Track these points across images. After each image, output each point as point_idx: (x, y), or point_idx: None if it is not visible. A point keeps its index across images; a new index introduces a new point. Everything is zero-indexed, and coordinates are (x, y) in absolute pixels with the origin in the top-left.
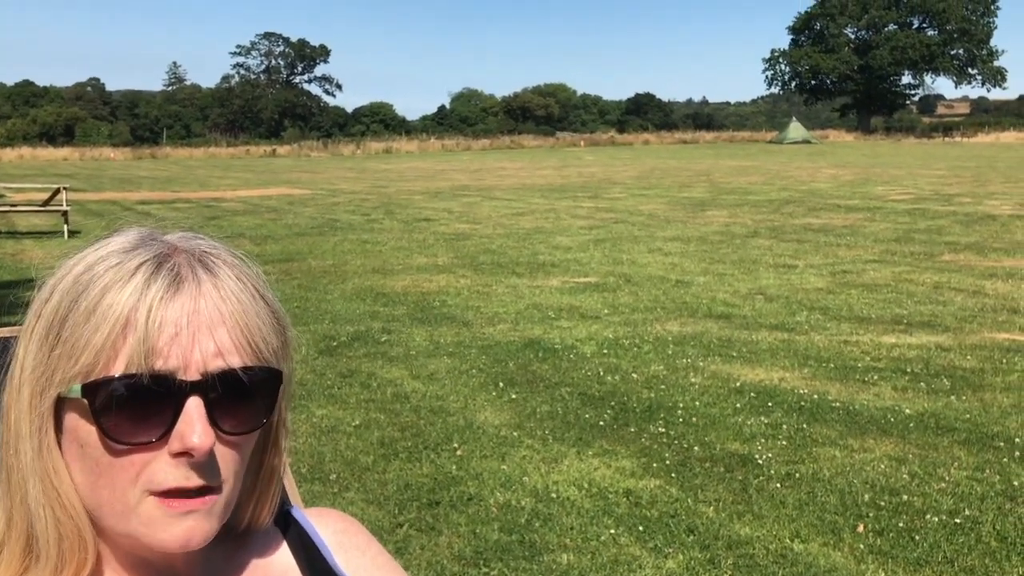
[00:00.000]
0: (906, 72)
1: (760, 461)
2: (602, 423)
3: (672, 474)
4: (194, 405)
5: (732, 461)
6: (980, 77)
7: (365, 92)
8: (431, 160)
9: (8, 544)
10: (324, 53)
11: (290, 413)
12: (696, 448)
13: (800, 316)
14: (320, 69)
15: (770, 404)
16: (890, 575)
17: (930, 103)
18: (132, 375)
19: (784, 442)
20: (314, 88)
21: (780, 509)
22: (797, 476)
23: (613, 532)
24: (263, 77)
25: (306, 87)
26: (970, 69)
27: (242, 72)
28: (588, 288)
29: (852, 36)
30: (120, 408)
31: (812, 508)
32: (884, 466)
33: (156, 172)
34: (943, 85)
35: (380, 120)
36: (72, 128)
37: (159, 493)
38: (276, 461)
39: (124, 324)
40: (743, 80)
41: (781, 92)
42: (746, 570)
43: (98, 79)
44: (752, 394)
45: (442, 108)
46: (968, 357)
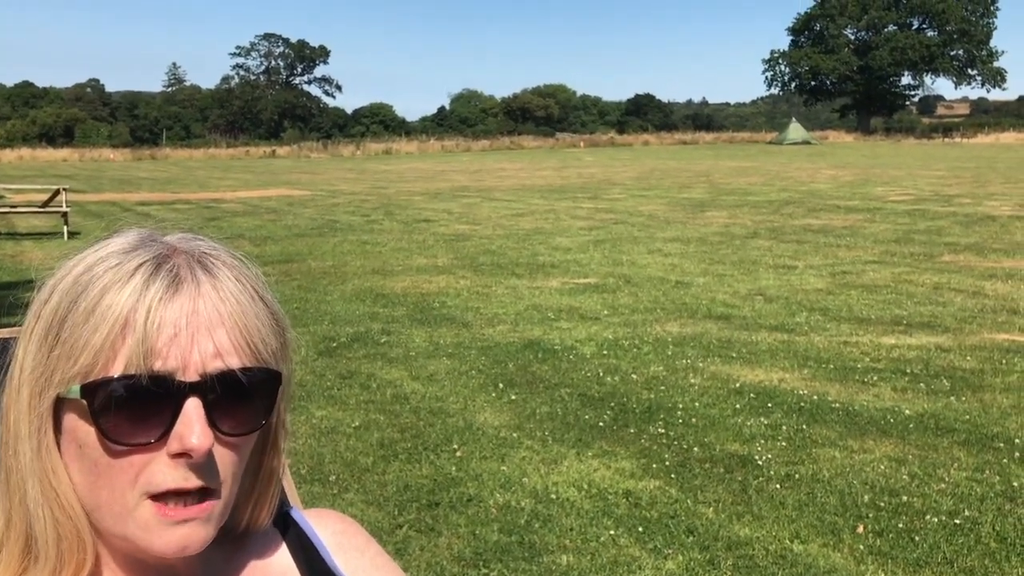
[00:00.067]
0: (906, 73)
1: (760, 462)
2: (602, 424)
3: (672, 475)
4: (193, 406)
5: (732, 462)
6: (980, 78)
7: (365, 93)
8: (431, 161)
9: (7, 545)
10: (324, 54)
11: (289, 414)
12: (696, 449)
13: (800, 317)
14: (320, 70)
15: (770, 405)
16: None
17: (930, 104)
18: (131, 376)
19: (784, 443)
20: (314, 89)
21: (780, 510)
22: (797, 477)
23: (613, 533)
24: (263, 78)
25: (306, 88)
26: (970, 70)
27: (242, 73)
28: (588, 289)
29: (852, 37)
30: (119, 409)
31: (812, 509)
32: (884, 467)
33: (156, 173)
34: (943, 86)
35: (380, 121)
36: (72, 129)
37: (157, 495)
38: (275, 462)
39: (123, 325)
40: (743, 81)
41: (781, 93)
42: (746, 571)
43: (98, 80)
44: (752, 395)
45: (442, 109)
46: (968, 358)
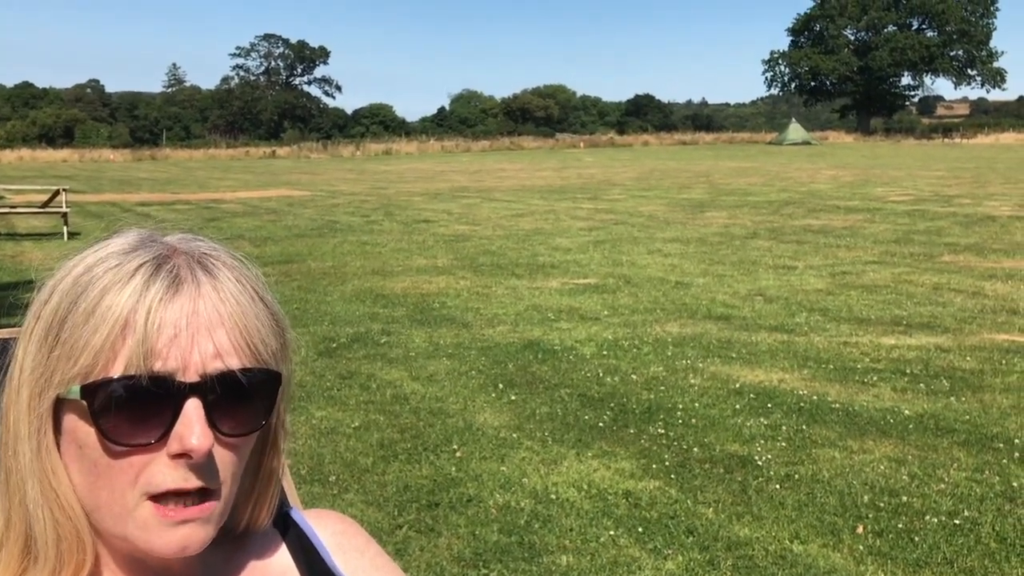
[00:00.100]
0: (905, 73)
1: (759, 462)
2: (601, 424)
3: (671, 475)
4: (193, 407)
5: (731, 462)
6: (979, 78)
7: (365, 93)
8: (431, 161)
9: (6, 545)
10: (324, 54)
11: (289, 415)
12: (695, 449)
13: (800, 317)
14: (320, 70)
15: (769, 405)
16: None
17: (929, 104)
18: (131, 376)
19: (783, 443)
20: (314, 89)
21: (779, 510)
22: (796, 477)
23: (612, 533)
24: (263, 79)
25: (306, 88)
26: (969, 70)
27: (242, 74)
28: (587, 289)
29: (851, 37)
30: (119, 409)
31: (811, 509)
32: (883, 467)
33: (156, 174)
34: (942, 86)
35: (380, 121)
36: (71, 130)
37: (157, 495)
38: (275, 463)
39: (123, 325)
40: (743, 81)
41: (781, 93)
42: (745, 571)
43: (97, 81)
44: (751, 395)
45: (442, 109)
46: (967, 358)
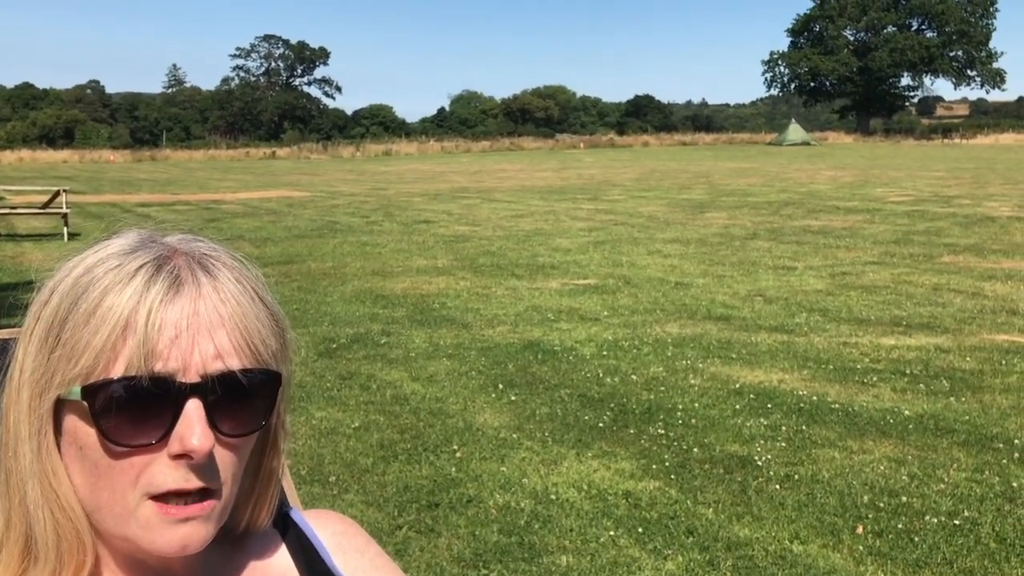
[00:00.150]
0: (905, 74)
1: (759, 463)
2: (601, 425)
3: (671, 476)
4: (193, 407)
5: (731, 463)
6: (979, 79)
7: (365, 94)
8: (430, 162)
9: (7, 546)
10: (324, 55)
11: (289, 415)
12: (695, 450)
13: (799, 318)
14: (320, 71)
15: (769, 406)
16: None
17: (929, 105)
18: (132, 377)
19: (783, 443)
20: (314, 90)
21: (779, 510)
22: (796, 478)
23: (612, 534)
24: (263, 79)
25: (306, 89)
26: (969, 71)
27: (242, 74)
28: (587, 290)
29: (851, 38)
30: (120, 410)
31: (811, 509)
32: (883, 467)
33: (156, 174)
34: (942, 87)
35: (380, 122)
36: (72, 130)
37: (158, 496)
38: (275, 463)
39: (124, 326)
40: (742, 82)
41: (780, 94)
42: (745, 571)
43: (98, 81)
44: (751, 396)
45: (441, 110)
46: (967, 359)
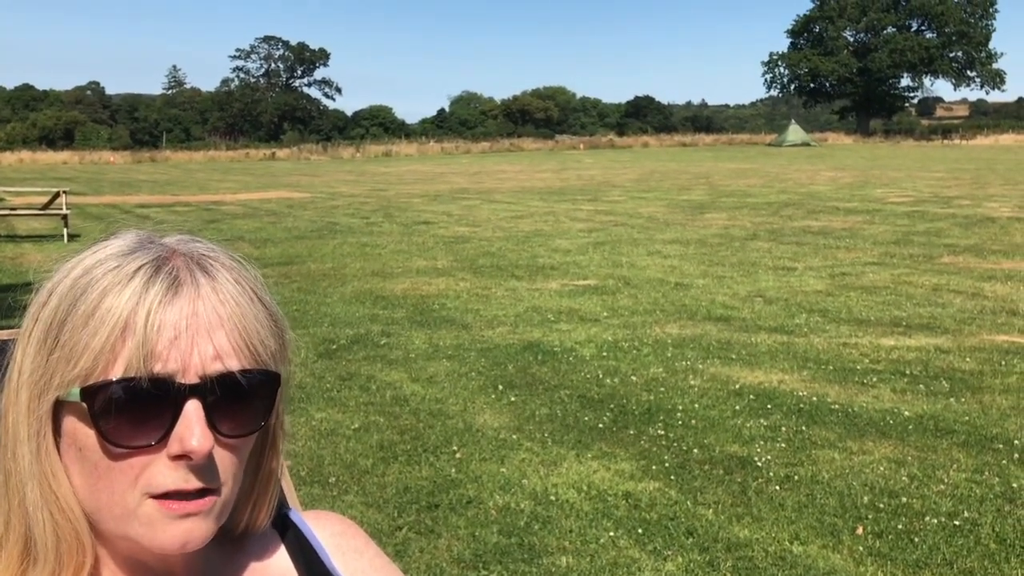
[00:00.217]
0: (905, 74)
1: (759, 463)
2: (601, 426)
3: (671, 476)
4: (193, 408)
5: (731, 463)
6: (979, 79)
7: (364, 95)
8: (430, 163)
9: (6, 547)
10: (323, 56)
11: (289, 416)
12: (695, 450)
13: (799, 318)
14: (319, 72)
15: (769, 406)
16: None
17: (929, 105)
18: (131, 378)
19: (783, 444)
20: (313, 91)
21: (779, 511)
22: (796, 478)
23: (612, 535)
24: (262, 81)
25: (305, 90)
26: (969, 71)
27: (242, 76)
28: (587, 291)
29: (851, 39)
30: (119, 411)
31: (811, 510)
32: (883, 468)
33: (156, 176)
34: (942, 87)
35: (379, 123)
36: (72, 132)
37: (157, 495)
38: (274, 463)
39: (123, 327)
40: (742, 83)
41: (780, 95)
42: (745, 572)
43: (98, 83)
44: (751, 396)
45: (441, 111)
46: (967, 359)
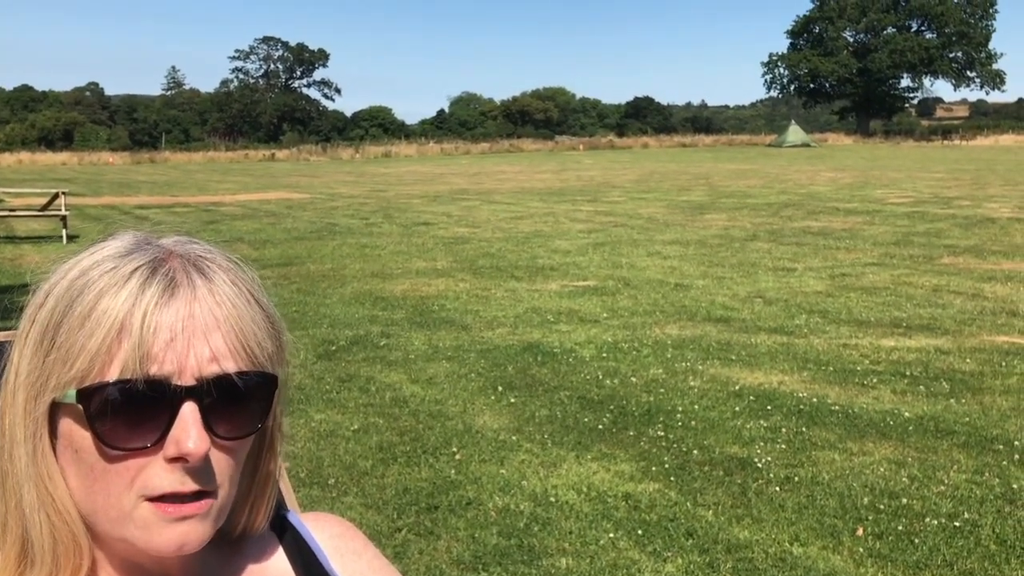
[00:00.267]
0: (905, 75)
1: (759, 464)
2: (601, 427)
3: (671, 478)
4: (189, 410)
5: (731, 464)
6: (979, 80)
7: (364, 96)
8: (430, 164)
9: (3, 549)
10: (323, 57)
11: (288, 417)
12: (695, 452)
13: (799, 319)
14: (319, 73)
15: (769, 407)
16: None
17: (929, 106)
18: (127, 380)
19: (783, 445)
20: (313, 92)
21: (779, 512)
22: (796, 479)
23: (612, 536)
24: (262, 81)
25: (305, 91)
26: (969, 72)
27: (241, 76)
28: (587, 292)
29: (851, 39)
30: (115, 413)
31: (811, 511)
32: (883, 469)
33: (155, 176)
34: (942, 88)
35: (379, 124)
36: (71, 133)
37: (154, 498)
38: (271, 465)
39: (119, 329)
40: (742, 83)
41: (780, 95)
42: (745, 574)
43: (97, 84)
44: (751, 397)
45: (441, 112)
46: (967, 360)
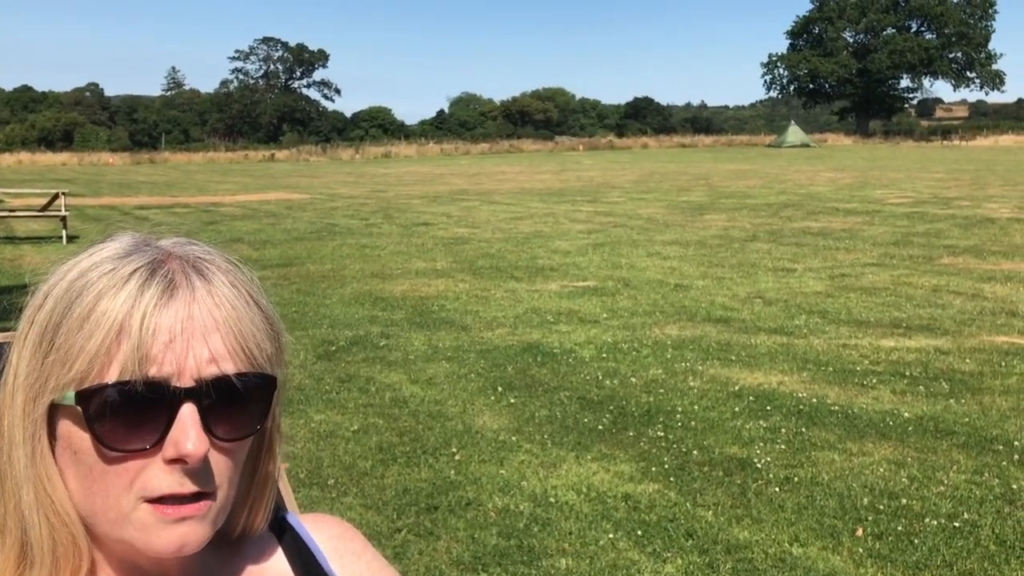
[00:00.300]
0: (904, 75)
1: (759, 465)
2: (601, 427)
3: (671, 478)
4: (188, 412)
5: (731, 465)
6: (978, 80)
7: (364, 97)
8: (430, 164)
9: (3, 550)
10: (323, 58)
11: (288, 418)
12: (695, 452)
13: (799, 320)
14: (319, 74)
15: (769, 408)
16: None
17: (928, 106)
18: (126, 382)
19: (783, 446)
20: (313, 93)
21: (779, 513)
22: (796, 480)
23: (612, 537)
24: (262, 82)
25: (305, 92)
26: (968, 72)
27: (241, 77)
28: (587, 292)
29: (850, 40)
30: (114, 415)
31: (811, 512)
32: (883, 470)
33: (155, 177)
34: (941, 88)
35: (379, 125)
36: (71, 133)
37: (153, 499)
38: (270, 467)
39: (118, 331)
40: (742, 84)
41: (780, 96)
42: (745, 574)
43: (97, 84)
44: (751, 398)
45: (441, 112)
46: (967, 360)
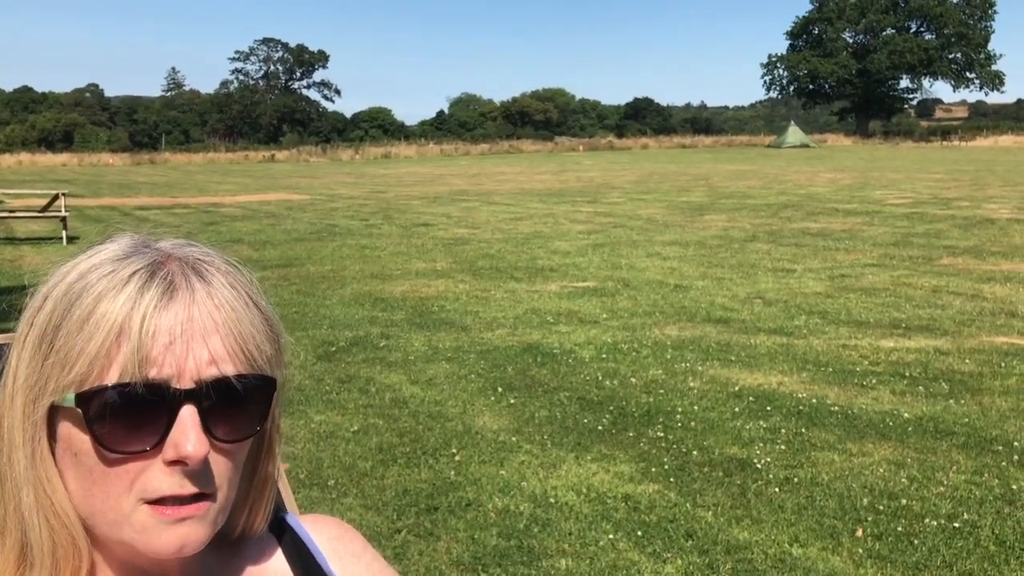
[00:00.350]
0: (904, 76)
1: (759, 465)
2: (601, 428)
3: (671, 479)
4: (188, 413)
5: (731, 465)
6: (978, 81)
7: (364, 97)
8: (430, 165)
9: (3, 551)
10: (323, 58)
11: (288, 419)
12: (695, 452)
13: (799, 320)
14: (319, 74)
15: (768, 408)
16: None
17: (928, 107)
18: (126, 384)
19: (783, 446)
20: (313, 93)
21: (779, 513)
22: (796, 480)
23: (611, 537)
24: (262, 83)
25: (305, 92)
26: (968, 73)
27: (241, 78)
28: (587, 293)
29: (850, 40)
30: (114, 417)
31: (811, 512)
32: (883, 470)
33: (155, 178)
34: (941, 89)
35: (379, 125)
36: (71, 134)
37: (153, 501)
38: (270, 468)
39: (118, 333)
40: (741, 84)
41: (779, 96)
42: (745, 575)
43: (97, 85)
44: (751, 398)
45: (441, 113)
46: (967, 361)
